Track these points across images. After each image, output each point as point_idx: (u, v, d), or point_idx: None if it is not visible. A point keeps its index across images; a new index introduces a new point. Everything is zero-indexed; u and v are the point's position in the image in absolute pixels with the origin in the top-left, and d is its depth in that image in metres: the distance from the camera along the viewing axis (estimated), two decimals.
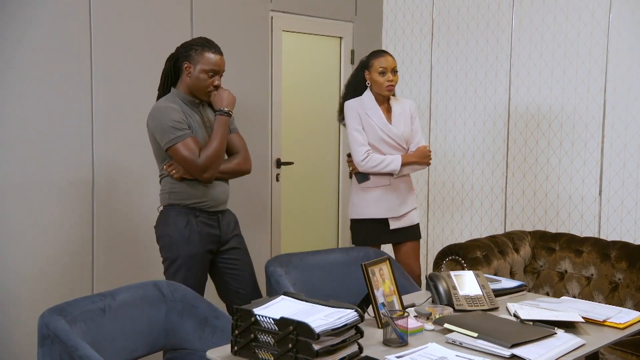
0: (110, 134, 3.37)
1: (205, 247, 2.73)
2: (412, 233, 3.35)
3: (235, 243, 2.85)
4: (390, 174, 3.21)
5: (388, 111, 3.26)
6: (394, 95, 3.33)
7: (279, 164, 4.19)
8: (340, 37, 4.52)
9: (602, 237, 3.60)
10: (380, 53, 3.27)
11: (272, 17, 4.08)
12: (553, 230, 3.76)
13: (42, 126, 3.15)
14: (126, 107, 3.42)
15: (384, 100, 3.26)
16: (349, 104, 3.25)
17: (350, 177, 3.36)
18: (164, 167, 2.72)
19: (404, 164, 3.19)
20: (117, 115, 3.39)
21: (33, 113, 3.12)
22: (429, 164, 3.31)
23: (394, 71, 3.21)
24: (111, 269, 3.39)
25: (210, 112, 2.79)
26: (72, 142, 3.25)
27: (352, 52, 4.56)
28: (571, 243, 3.49)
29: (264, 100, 4.05)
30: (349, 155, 3.30)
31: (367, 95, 3.25)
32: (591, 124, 3.67)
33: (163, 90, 2.79)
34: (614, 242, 3.38)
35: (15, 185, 3.08)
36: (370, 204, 3.24)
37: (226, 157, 2.80)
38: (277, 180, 4.19)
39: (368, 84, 3.24)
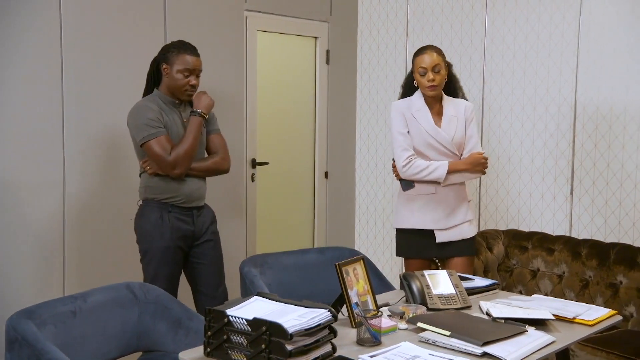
0: (81, 134, 3.32)
1: (177, 242, 2.88)
2: (462, 248, 3.02)
3: (208, 237, 2.98)
4: (437, 182, 2.95)
5: (440, 113, 2.99)
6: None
7: (254, 164, 4.18)
8: (316, 37, 4.52)
9: (574, 235, 3.65)
10: (421, 51, 2.96)
11: (246, 17, 4.07)
12: (526, 229, 3.81)
13: (12, 126, 3.10)
14: (97, 107, 3.38)
15: (436, 101, 2.99)
16: (395, 105, 3.02)
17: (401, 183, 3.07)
18: (141, 163, 2.89)
19: (451, 172, 2.91)
20: (88, 116, 3.35)
21: (3, 113, 3.06)
22: (482, 173, 3.01)
23: (436, 69, 2.90)
24: (83, 271, 3.35)
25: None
26: (42, 142, 3.20)
27: (328, 52, 4.57)
28: (543, 242, 3.54)
29: (239, 100, 4.03)
30: (394, 160, 3.04)
31: (417, 95, 3.00)
32: (563, 124, 3.72)
33: (147, 92, 2.96)
34: (585, 241, 3.44)
35: None
36: (414, 213, 2.99)
37: (206, 155, 2.98)
38: (253, 180, 4.18)
39: (415, 84, 2.99)
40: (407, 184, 3.01)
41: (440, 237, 2.99)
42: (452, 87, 3.06)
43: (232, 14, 3.96)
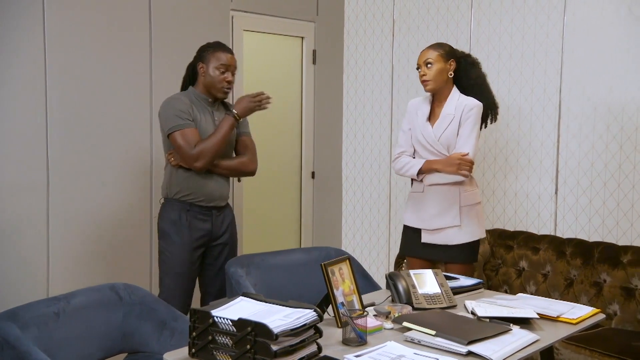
0: (65, 135, 3.30)
1: (194, 242, 2.89)
2: (449, 254, 2.94)
3: (225, 240, 3.00)
4: (430, 183, 2.94)
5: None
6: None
7: None
8: (302, 37, 4.52)
9: (558, 234, 3.68)
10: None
11: (232, 17, 4.05)
12: (511, 229, 3.83)
13: None
14: (81, 107, 3.36)
15: (443, 99, 2.93)
16: (409, 103, 3.08)
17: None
18: (166, 155, 2.92)
19: (424, 170, 2.89)
20: (72, 116, 3.32)
21: None
22: (463, 175, 2.85)
23: (427, 64, 2.88)
24: (67, 273, 3.32)
25: (222, 114, 2.95)
26: (26, 144, 3.17)
27: (314, 52, 4.57)
28: (528, 241, 3.56)
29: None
30: None
31: (430, 93, 3.01)
32: (547, 124, 3.74)
33: None
34: (569, 240, 3.47)
35: None
36: (408, 209, 3.07)
37: (234, 156, 3.01)
38: (239, 180, 4.17)
39: None
40: (412, 181, 3.09)
41: (424, 238, 3.00)
42: (469, 85, 2.97)
43: (218, 14, 3.95)
